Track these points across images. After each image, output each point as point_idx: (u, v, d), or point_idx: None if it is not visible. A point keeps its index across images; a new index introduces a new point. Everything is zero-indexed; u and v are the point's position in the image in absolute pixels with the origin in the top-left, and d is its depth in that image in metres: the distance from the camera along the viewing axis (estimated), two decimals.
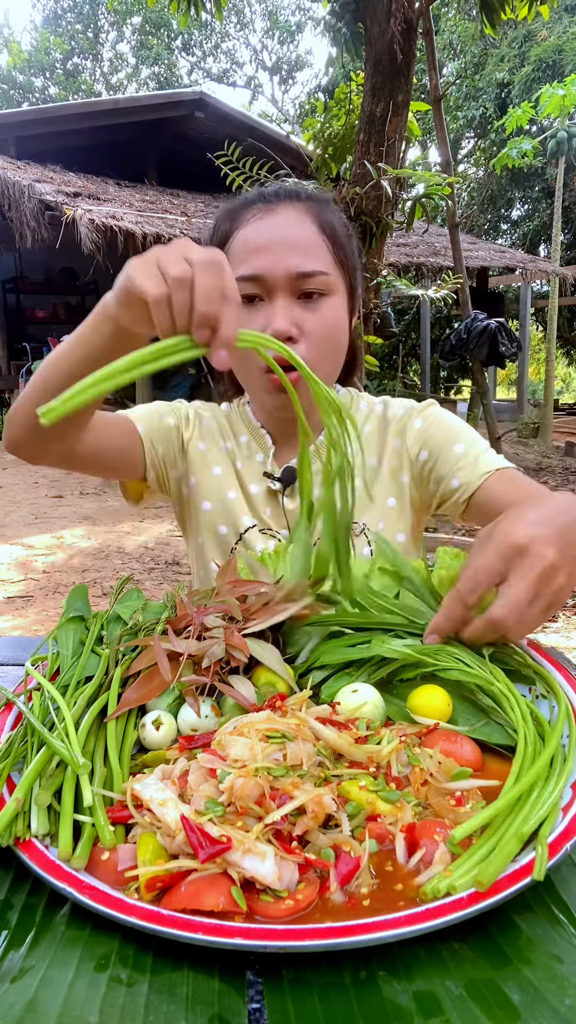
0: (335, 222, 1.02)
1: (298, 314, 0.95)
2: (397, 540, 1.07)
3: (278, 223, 0.98)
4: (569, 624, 3.57)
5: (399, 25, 3.97)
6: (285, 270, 0.94)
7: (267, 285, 0.95)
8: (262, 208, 0.99)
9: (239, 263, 0.96)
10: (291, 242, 0.95)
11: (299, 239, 0.96)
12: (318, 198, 1.03)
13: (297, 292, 0.95)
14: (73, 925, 0.47)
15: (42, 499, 6.58)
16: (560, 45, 12.37)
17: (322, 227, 0.99)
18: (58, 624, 0.76)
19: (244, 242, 0.98)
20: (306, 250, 0.96)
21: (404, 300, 12.36)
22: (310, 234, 0.97)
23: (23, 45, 20.93)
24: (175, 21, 8.12)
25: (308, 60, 22.25)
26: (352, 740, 0.57)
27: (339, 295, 0.99)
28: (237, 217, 1.01)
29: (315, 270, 0.95)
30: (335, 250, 0.99)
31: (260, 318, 0.96)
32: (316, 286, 0.95)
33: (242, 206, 1.02)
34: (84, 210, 6.81)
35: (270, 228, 0.97)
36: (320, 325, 0.96)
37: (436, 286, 4.56)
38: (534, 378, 16.61)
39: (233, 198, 1.07)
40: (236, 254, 0.98)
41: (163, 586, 3.97)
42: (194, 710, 0.63)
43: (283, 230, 0.97)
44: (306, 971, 0.43)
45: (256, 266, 0.95)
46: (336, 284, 0.98)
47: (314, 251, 0.96)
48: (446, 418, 1.08)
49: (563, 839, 0.48)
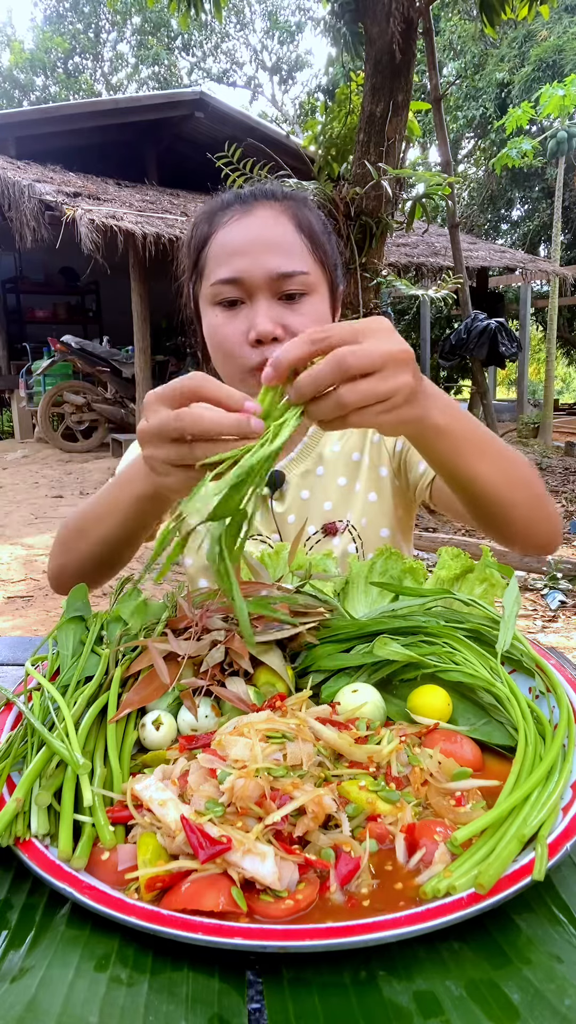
0: (313, 220, 1.00)
1: (280, 314, 0.94)
2: (381, 535, 1.08)
3: (255, 224, 0.97)
4: (569, 624, 3.57)
5: (399, 25, 3.97)
6: (265, 271, 0.93)
7: (247, 287, 0.94)
8: (239, 209, 0.98)
9: (218, 266, 0.96)
10: (269, 243, 0.94)
11: (277, 239, 0.95)
12: (295, 196, 1.02)
13: (278, 293, 0.94)
14: (73, 925, 0.47)
15: (42, 499, 6.58)
16: (560, 45, 12.36)
17: (300, 226, 0.98)
18: (58, 624, 0.76)
19: (222, 245, 0.97)
20: (285, 250, 0.95)
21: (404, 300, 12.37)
22: (288, 234, 0.96)
23: (25, 44, 20.93)
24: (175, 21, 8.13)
25: (308, 60, 22.29)
26: (352, 740, 0.57)
27: (320, 293, 0.98)
28: (214, 220, 1.00)
29: (295, 270, 0.94)
30: (314, 248, 0.98)
31: (242, 321, 0.95)
32: (297, 286, 0.94)
33: (219, 208, 1.01)
34: (84, 210, 6.82)
35: (247, 229, 0.96)
36: (303, 324, 0.94)
37: (436, 286, 4.56)
38: (534, 378, 16.60)
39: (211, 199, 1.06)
40: (215, 257, 0.97)
41: (163, 586, 3.97)
42: (192, 713, 0.63)
43: (261, 231, 0.96)
44: (306, 971, 0.43)
45: (235, 269, 0.94)
46: (317, 283, 0.97)
47: (293, 251, 0.95)
48: None
49: (563, 839, 0.48)
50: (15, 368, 10.18)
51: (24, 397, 9.55)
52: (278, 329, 0.93)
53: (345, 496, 1.10)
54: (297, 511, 1.09)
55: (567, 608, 3.77)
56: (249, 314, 0.94)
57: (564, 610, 3.74)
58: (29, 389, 9.39)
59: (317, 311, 0.97)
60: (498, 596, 0.75)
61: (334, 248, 1.04)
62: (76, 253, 7.13)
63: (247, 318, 0.94)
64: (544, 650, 0.72)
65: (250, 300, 0.95)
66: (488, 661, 0.66)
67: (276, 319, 0.93)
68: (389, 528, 1.09)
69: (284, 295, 0.94)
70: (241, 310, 0.95)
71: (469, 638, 0.69)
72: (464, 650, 0.67)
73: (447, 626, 0.70)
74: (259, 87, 22.09)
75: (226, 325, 0.96)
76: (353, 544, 1.06)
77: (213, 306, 0.97)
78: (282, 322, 0.93)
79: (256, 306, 0.94)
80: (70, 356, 8.60)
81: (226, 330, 0.96)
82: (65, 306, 11.35)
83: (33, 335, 10.43)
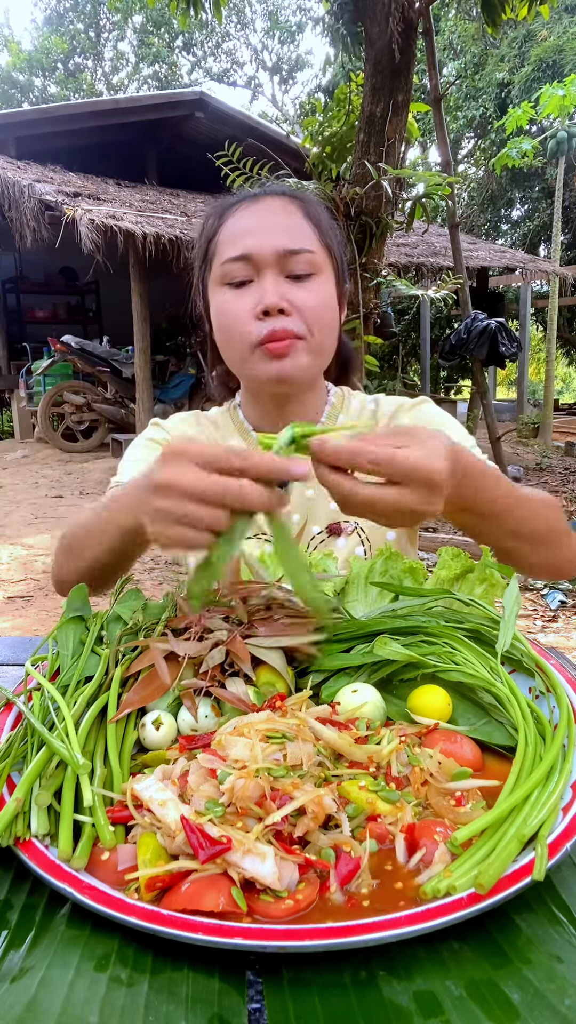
0: (321, 214, 1.02)
1: (288, 289, 0.95)
2: (387, 539, 1.07)
3: (263, 209, 0.99)
4: (569, 624, 3.57)
5: (398, 25, 3.97)
6: (272, 248, 0.94)
7: (255, 263, 0.95)
8: (248, 201, 1.01)
9: (226, 247, 0.97)
10: (278, 225, 0.97)
11: (285, 222, 0.97)
12: (303, 195, 1.04)
13: (286, 271, 0.96)
14: (73, 925, 0.47)
15: (42, 499, 6.57)
16: (560, 45, 12.36)
17: (307, 214, 1.00)
18: (58, 624, 0.76)
19: (231, 229, 0.99)
20: (292, 231, 0.97)
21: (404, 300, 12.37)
22: (296, 218, 0.98)
23: (23, 45, 20.94)
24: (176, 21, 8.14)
25: (308, 60, 22.28)
26: (352, 740, 0.57)
27: (327, 275, 0.99)
28: (224, 213, 1.02)
29: (302, 247, 0.95)
30: (321, 235, 1.00)
31: (250, 297, 0.96)
32: (304, 265, 0.96)
33: (229, 203, 1.03)
34: (84, 210, 6.81)
35: (256, 214, 0.98)
36: (311, 299, 0.96)
37: (436, 286, 4.56)
38: (534, 378, 16.60)
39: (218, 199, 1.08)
40: (224, 242, 0.99)
41: (163, 586, 3.97)
42: (192, 714, 0.63)
43: (269, 215, 0.98)
44: (306, 971, 0.43)
45: (244, 246, 0.95)
46: (323, 264, 0.99)
47: (300, 232, 0.97)
48: (436, 416, 1.08)
49: (563, 839, 0.48)
50: (15, 368, 10.18)
51: (24, 397, 9.54)
52: (284, 302, 0.93)
53: None
54: (301, 510, 1.08)
55: (567, 608, 3.77)
56: (257, 291, 0.95)
57: (564, 610, 3.74)
58: (29, 389, 9.38)
59: (324, 291, 0.98)
60: (498, 596, 0.75)
61: (341, 245, 1.05)
62: (76, 253, 7.12)
63: (255, 294, 0.95)
64: (544, 650, 0.72)
65: (258, 277, 0.96)
66: (488, 661, 0.66)
67: (284, 294, 0.94)
68: (396, 531, 1.08)
69: (292, 274, 0.96)
70: (249, 288, 0.96)
71: (469, 638, 0.69)
72: (464, 650, 0.67)
73: (447, 626, 0.70)
74: (259, 87, 22.10)
75: (234, 302, 0.97)
76: (361, 547, 1.06)
77: (222, 286, 0.99)
78: (289, 297, 0.94)
79: (263, 281, 0.95)
80: (70, 356, 8.59)
81: (233, 306, 0.97)
82: (65, 306, 11.35)
83: (33, 335, 10.42)
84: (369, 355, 4.45)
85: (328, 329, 1.00)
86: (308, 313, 0.95)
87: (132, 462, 1.10)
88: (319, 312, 0.97)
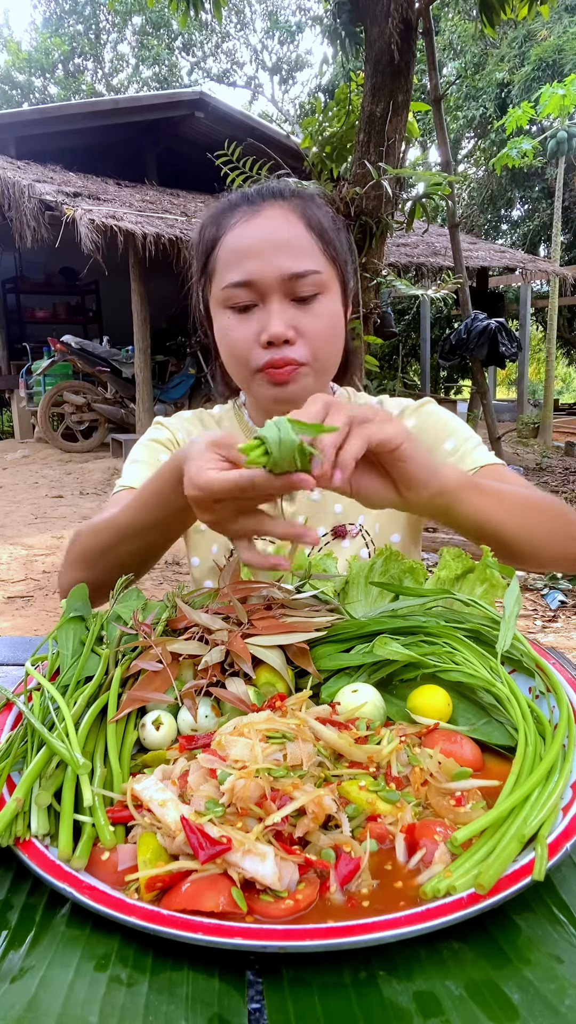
0: (322, 217, 0.99)
1: (294, 315, 0.93)
2: (392, 541, 1.07)
3: (265, 224, 0.95)
4: (569, 624, 3.57)
5: (397, 25, 3.97)
6: (277, 272, 0.91)
7: (260, 289, 0.93)
8: (247, 210, 0.97)
9: (228, 270, 0.94)
10: (280, 243, 0.93)
11: (288, 239, 0.93)
12: (302, 195, 1.00)
13: (291, 295, 0.93)
14: (73, 925, 0.47)
15: (42, 499, 6.57)
16: (560, 45, 12.36)
17: (310, 224, 0.96)
18: (58, 624, 0.76)
19: (232, 247, 0.95)
20: (296, 250, 0.93)
21: (404, 300, 12.38)
22: (299, 233, 0.94)
23: (23, 45, 20.93)
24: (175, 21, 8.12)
25: (308, 60, 22.26)
26: (352, 740, 0.57)
27: (333, 292, 0.97)
28: (222, 222, 0.98)
29: (307, 270, 0.92)
30: (325, 247, 0.96)
31: (255, 324, 0.93)
32: (310, 287, 0.93)
33: (226, 209, 0.99)
34: (84, 210, 6.82)
35: (257, 230, 0.94)
36: (317, 325, 0.94)
37: (436, 286, 4.56)
38: (534, 378, 16.61)
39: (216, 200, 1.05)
40: (225, 260, 0.96)
41: (163, 586, 3.97)
42: (192, 714, 0.63)
43: (271, 232, 0.94)
44: (306, 971, 0.43)
45: (247, 271, 0.92)
46: (329, 282, 0.96)
47: (304, 250, 0.94)
48: (440, 415, 1.06)
49: (563, 839, 0.48)
50: (15, 368, 10.18)
51: (24, 397, 9.54)
52: (290, 331, 0.92)
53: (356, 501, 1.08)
54: (307, 512, 1.08)
55: (567, 608, 3.77)
56: (261, 317, 0.93)
57: (564, 610, 3.74)
58: (29, 389, 9.38)
59: (330, 311, 0.96)
60: (498, 596, 0.75)
61: (344, 244, 1.03)
62: (76, 253, 7.13)
63: (259, 321, 0.93)
64: (544, 650, 0.72)
65: (263, 302, 0.93)
66: (488, 661, 0.66)
67: (289, 322, 0.92)
68: (400, 534, 1.08)
69: (298, 297, 0.93)
70: (254, 313, 0.94)
71: (469, 638, 0.69)
72: (464, 650, 0.67)
73: (447, 626, 0.70)
74: (259, 87, 22.10)
75: (237, 328, 0.95)
76: (366, 549, 1.05)
77: (224, 309, 0.96)
78: (295, 324, 0.93)
79: (269, 308, 0.93)
80: (70, 356, 8.60)
81: (237, 334, 0.95)
82: (65, 306, 11.35)
83: (33, 335, 10.42)
84: (369, 355, 4.45)
85: (333, 351, 0.99)
86: (314, 340, 0.94)
87: (136, 464, 1.10)
88: (325, 337, 0.95)
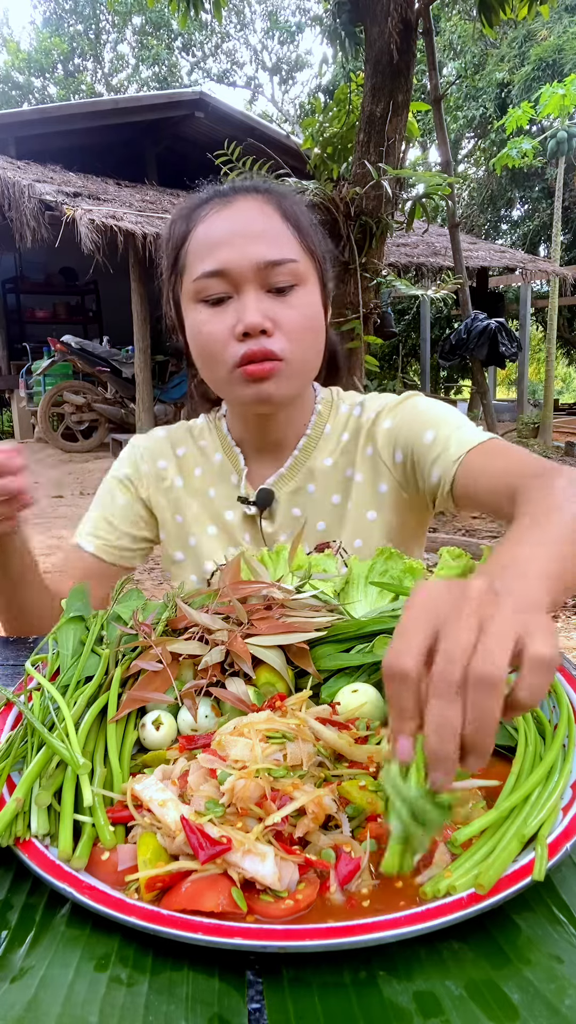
0: (298, 211, 0.94)
1: (270, 306, 0.88)
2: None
3: (237, 215, 0.90)
4: (569, 624, 3.57)
5: (396, 25, 3.97)
6: (251, 261, 0.87)
7: (234, 279, 0.88)
8: (218, 202, 0.92)
9: (200, 260, 0.90)
10: (254, 232, 0.88)
11: (263, 229, 0.89)
12: (278, 189, 0.96)
13: (267, 285, 0.88)
14: (73, 925, 0.47)
15: (42, 499, 6.58)
16: (560, 45, 12.36)
17: (285, 215, 0.91)
18: (58, 624, 0.76)
19: (203, 238, 0.90)
20: (271, 238, 0.88)
21: (404, 300, 12.38)
22: (274, 223, 0.90)
23: (23, 45, 20.94)
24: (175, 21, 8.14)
25: (308, 60, 22.25)
26: (352, 740, 0.57)
27: (311, 284, 0.93)
28: (192, 216, 0.94)
29: (283, 257, 0.88)
30: (301, 238, 0.92)
31: (229, 316, 0.88)
32: (286, 276, 0.88)
33: (197, 204, 0.95)
34: (84, 210, 6.82)
35: (229, 220, 0.90)
36: (295, 316, 0.89)
37: (436, 286, 4.56)
38: (534, 378, 16.61)
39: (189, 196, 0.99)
40: (196, 252, 0.91)
41: (163, 586, 3.97)
42: (192, 714, 0.63)
43: (244, 222, 0.89)
44: (306, 971, 0.43)
45: (219, 260, 0.87)
46: (307, 273, 0.91)
47: (280, 239, 0.89)
48: (419, 408, 0.98)
49: (563, 839, 0.48)
50: (15, 368, 10.18)
51: (24, 397, 9.55)
52: (267, 322, 0.87)
53: (338, 516, 1.02)
54: (289, 530, 1.03)
55: (567, 608, 3.77)
56: (236, 308, 0.88)
57: (564, 610, 3.74)
58: (29, 389, 9.38)
59: (309, 303, 0.91)
60: None
61: (322, 241, 0.98)
62: (76, 253, 7.12)
63: (234, 312, 0.88)
64: None
65: (237, 293, 0.88)
66: None
67: (265, 312, 0.87)
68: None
69: (273, 288, 0.89)
70: (228, 305, 0.89)
71: None
72: None
73: None
74: (259, 87, 22.11)
75: (211, 322, 0.90)
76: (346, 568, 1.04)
77: (196, 303, 0.91)
78: (272, 316, 0.88)
79: (244, 298, 0.88)
80: (70, 356, 8.60)
81: (211, 327, 0.90)
82: (65, 306, 11.35)
83: (33, 335, 10.42)
84: (369, 355, 4.45)
85: (313, 346, 0.94)
86: (292, 333, 0.89)
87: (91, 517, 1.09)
88: (304, 330, 0.91)
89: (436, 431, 0.92)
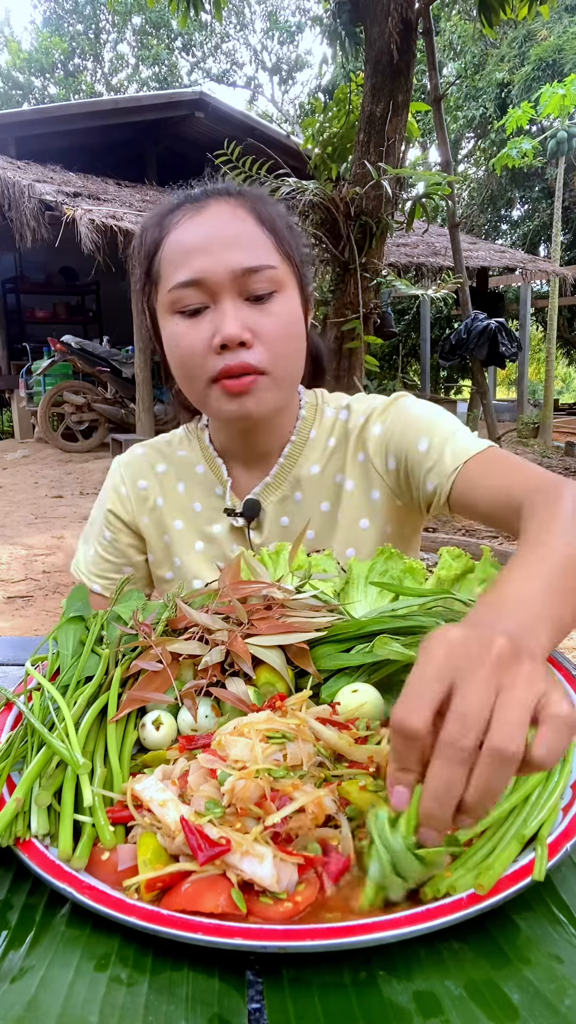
0: (274, 214, 0.91)
1: (248, 316, 0.85)
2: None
3: (210, 220, 0.87)
4: None
5: (396, 25, 3.97)
6: (227, 268, 0.84)
7: (210, 288, 0.85)
8: (190, 208, 0.89)
9: (175, 269, 0.87)
10: (229, 238, 0.85)
11: (237, 234, 0.86)
12: (251, 192, 0.93)
13: (245, 293, 0.86)
14: (73, 925, 0.47)
15: (42, 499, 6.57)
16: (560, 45, 12.36)
17: (260, 219, 0.88)
18: (58, 624, 0.76)
19: (176, 246, 0.87)
20: (247, 244, 0.86)
21: (404, 300, 12.38)
22: (249, 228, 0.87)
23: (23, 45, 20.94)
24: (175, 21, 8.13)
25: (308, 60, 22.26)
26: (352, 740, 0.57)
27: (290, 289, 0.90)
28: (164, 222, 0.91)
29: (260, 264, 0.85)
30: (278, 242, 0.89)
31: (206, 328, 0.86)
32: (264, 284, 0.86)
33: (168, 211, 0.92)
34: (84, 210, 6.81)
35: (203, 227, 0.87)
36: (274, 325, 0.87)
37: (436, 286, 4.56)
38: (534, 378, 16.61)
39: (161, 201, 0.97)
40: (170, 261, 0.88)
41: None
42: (192, 714, 0.63)
43: (218, 227, 0.86)
44: (306, 971, 0.43)
45: (194, 269, 0.85)
46: (285, 278, 0.89)
47: (256, 244, 0.86)
48: (411, 412, 0.96)
49: (563, 839, 0.48)
50: (15, 368, 10.18)
51: (24, 397, 9.55)
52: (245, 333, 0.84)
53: (329, 524, 1.00)
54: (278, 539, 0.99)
55: None
56: (214, 318, 0.85)
57: None
58: (29, 389, 9.39)
59: (288, 310, 0.89)
60: None
61: (300, 244, 0.95)
62: (76, 253, 7.12)
63: (211, 323, 0.85)
64: None
65: (214, 302, 0.86)
66: None
67: (244, 322, 0.85)
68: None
69: (252, 296, 0.86)
70: (205, 316, 0.86)
71: None
72: None
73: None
74: (259, 87, 22.10)
75: (188, 334, 0.87)
76: None
77: (173, 315, 0.89)
78: (251, 325, 0.85)
79: (221, 308, 0.85)
80: (70, 356, 8.60)
81: (189, 339, 0.87)
82: (65, 306, 11.35)
83: (33, 335, 10.42)
84: (369, 355, 4.45)
85: (295, 355, 0.92)
86: (273, 344, 0.87)
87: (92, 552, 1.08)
88: (284, 339, 0.88)
89: (430, 439, 0.91)
